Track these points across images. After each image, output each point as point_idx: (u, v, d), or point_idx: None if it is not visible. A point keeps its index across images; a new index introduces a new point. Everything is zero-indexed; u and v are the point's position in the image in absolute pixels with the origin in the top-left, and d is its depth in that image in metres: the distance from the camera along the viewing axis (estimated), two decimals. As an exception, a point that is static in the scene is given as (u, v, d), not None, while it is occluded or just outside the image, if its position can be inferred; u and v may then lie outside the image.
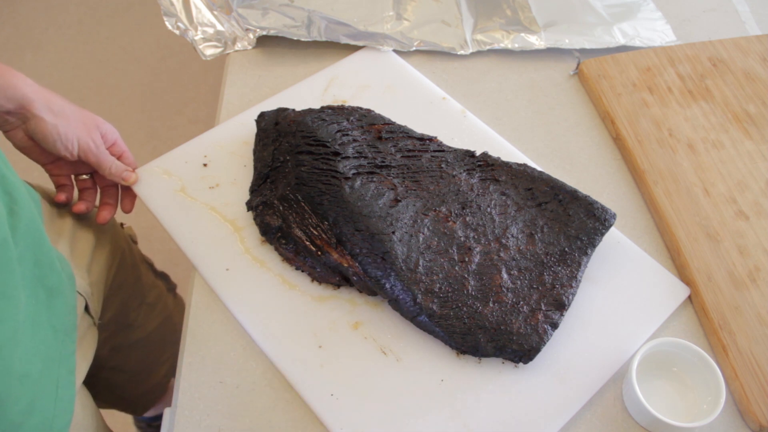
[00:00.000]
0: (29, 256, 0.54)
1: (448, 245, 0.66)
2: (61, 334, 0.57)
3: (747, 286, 0.67)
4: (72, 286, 0.63)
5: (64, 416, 0.57)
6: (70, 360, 0.59)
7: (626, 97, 0.84)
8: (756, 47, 0.89)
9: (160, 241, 0.96)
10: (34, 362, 0.52)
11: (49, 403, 0.54)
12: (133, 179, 0.73)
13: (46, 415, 0.53)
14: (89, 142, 0.69)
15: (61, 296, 0.58)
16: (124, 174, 0.72)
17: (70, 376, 0.58)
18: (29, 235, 0.54)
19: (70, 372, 0.58)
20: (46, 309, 0.55)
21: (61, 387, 0.56)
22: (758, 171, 0.76)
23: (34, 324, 0.53)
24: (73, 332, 0.61)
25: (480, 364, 0.63)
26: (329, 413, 0.60)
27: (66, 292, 0.60)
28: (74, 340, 0.60)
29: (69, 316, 0.60)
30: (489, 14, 0.95)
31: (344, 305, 0.66)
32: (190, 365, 0.63)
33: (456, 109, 0.84)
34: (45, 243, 0.57)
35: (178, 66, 2.13)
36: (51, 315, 0.56)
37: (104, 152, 0.71)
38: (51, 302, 0.56)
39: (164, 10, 0.92)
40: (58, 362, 0.56)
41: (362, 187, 0.68)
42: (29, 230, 0.54)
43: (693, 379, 0.61)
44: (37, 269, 0.55)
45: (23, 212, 0.54)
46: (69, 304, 0.61)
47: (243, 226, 0.72)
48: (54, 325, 0.56)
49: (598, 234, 0.67)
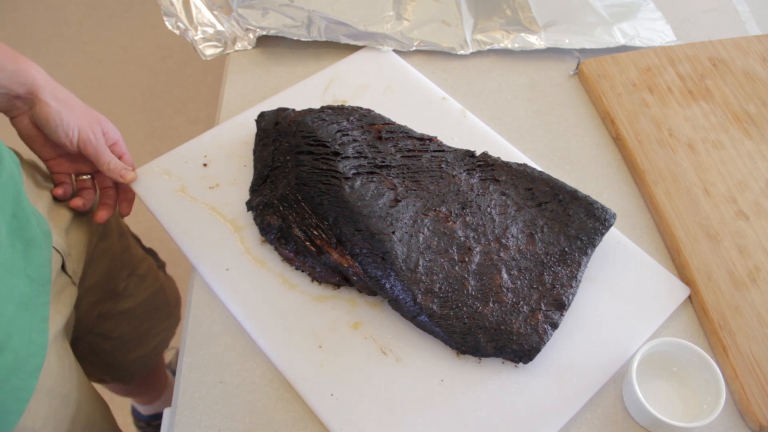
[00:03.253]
0: (8, 209, 0.58)
1: (448, 245, 0.66)
2: (36, 284, 0.61)
3: (747, 286, 0.67)
4: (48, 242, 0.66)
5: (35, 359, 0.60)
6: (44, 309, 0.63)
7: (626, 97, 0.84)
8: (756, 47, 0.89)
9: (160, 241, 0.96)
10: (8, 304, 0.56)
11: (23, 345, 0.58)
12: (130, 177, 0.74)
13: (19, 354, 0.57)
14: (89, 133, 0.70)
15: (38, 248, 0.62)
16: (122, 171, 0.73)
17: (43, 323, 0.62)
18: (9, 189, 0.59)
19: (44, 320, 0.62)
20: (23, 258, 0.59)
21: (33, 332, 0.60)
22: (758, 171, 0.76)
23: (11, 270, 0.57)
24: (48, 284, 0.64)
25: (480, 364, 0.63)
26: (329, 413, 0.60)
27: (42, 245, 0.63)
28: (48, 292, 0.64)
29: (44, 269, 0.64)
30: (489, 14, 0.95)
31: (344, 305, 0.66)
32: (190, 365, 0.63)
33: (456, 109, 0.84)
34: (23, 199, 0.61)
35: (178, 66, 2.13)
36: (27, 264, 0.60)
37: (104, 146, 0.72)
38: (28, 252, 0.60)
39: (164, 10, 0.92)
40: (33, 309, 0.60)
41: (362, 187, 0.68)
42: (9, 184, 0.59)
43: (693, 379, 0.61)
44: (14, 221, 0.59)
45: (4, 167, 0.58)
46: (45, 257, 0.64)
47: (243, 226, 0.72)
48: (29, 274, 0.60)
49: (598, 234, 0.67)
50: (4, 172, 0.58)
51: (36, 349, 0.61)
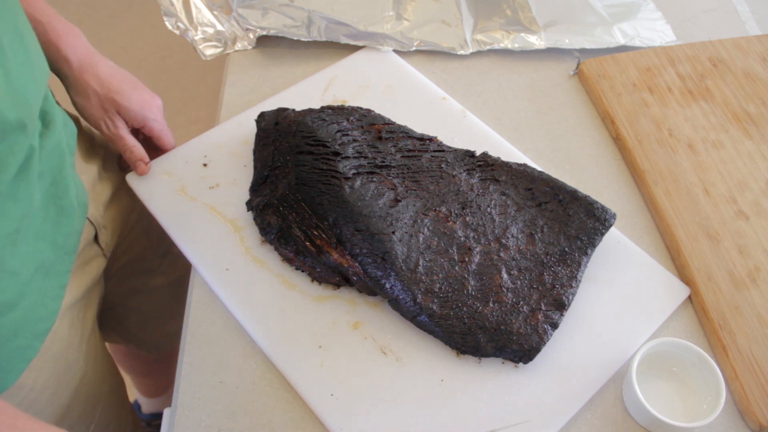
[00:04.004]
0: (48, 175, 0.60)
1: (448, 245, 0.66)
2: (60, 251, 0.63)
3: (747, 286, 0.67)
4: (83, 213, 0.68)
5: (44, 323, 0.62)
6: (63, 276, 0.64)
7: (626, 97, 0.84)
8: (756, 47, 0.89)
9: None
10: (27, 266, 0.57)
11: (34, 307, 0.59)
12: (140, 170, 0.75)
13: (29, 316, 0.59)
14: (102, 126, 0.73)
15: (70, 218, 0.63)
16: (136, 163, 0.75)
17: (60, 290, 0.64)
18: (53, 156, 0.60)
19: (61, 287, 0.64)
20: (53, 225, 0.61)
21: (48, 297, 0.62)
22: (758, 171, 0.76)
23: (38, 235, 0.58)
24: (73, 254, 0.66)
25: (480, 364, 0.63)
26: (329, 413, 0.60)
27: (75, 215, 0.65)
28: (72, 261, 0.66)
29: (72, 238, 0.65)
30: (489, 14, 0.95)
31: (344, 305, 0.66)
32: (190, 365, 0.63)
33: (456, 109, 0.84)
34: (66, 168, 0.63)
35: (178, 66, 2.13)
36: (56, 231, 0.61)
37: (119, 136, 0.73)
38: (59, 220, 0.62)
39: (164, 10, 0.92)
40: (51, 275, 0.62)
41: (362, 187, 0.68)
42: (55, 151, 0.60)
43: (693, 379, 0.61)
44: (53, 188, 0.61)
45: (54, 134, 0.60)
46: (75, 228, 0.66)
47: (243, 226, 0.72)
48: (56, 241, 0.61)
49: (598, 234, 0.67)
50: (52, 138, 0.60)
51: (47, 313, 0.62)
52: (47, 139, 0.60)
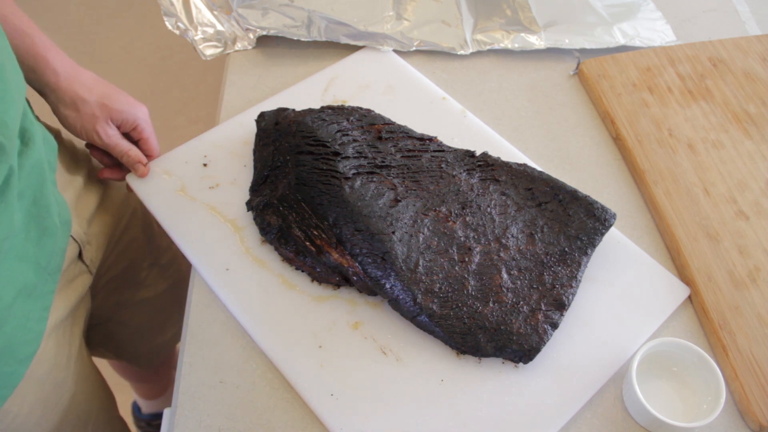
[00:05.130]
0: (29, 194, 0.58)
1: (448, 245, 0.66)
2: (44, 272, 0.61)
3: (747, 286, 0.67)
4: (66, 231, 0.67)
5: (28, 347, 0.60)
6: (47, 297, 0.63)
7: (626, 97, 0.84)
8: (756, 47, 0.89)
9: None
10: (8, 289, 0.56)
11: (18, 331, 0.58)
12: (140, 172, 0.75)
13: (12, 340, 0.57)
14: (93, 135, 0.71)
15: (53, 238, 0.62)
16: (135, 165, 0.74)
17: (44, 312, 0.63)
18: (33, 175, 0.59)
19: (45, 308, 0.63)
20: (35, 245, 0.59)
21: (31, 320, 0.60)
22: (758, 171, 0.76)
23: (20, 256, 0.57)
24: (57, 273, 0.65)
25: (480, 364, 0.63)
26: (329, 413, 0.60)
27: (58, 235, 0.63)
28: (56, 281, 0.65)
29: (56, 257, 0.64)
30: (489, 14, 0.95)
31: (344, 305, 0.66)
32: (190, 365, 0.63)
33: (456, 109, 0.84)
34: (47, 186, 0.61)
35: (178, 66, 2.13)
36: (38, 252, 0.60)
37: (115, 143, 0.73)
38: (41, 241, 0.60)
39: (164, 10, 0.92)
40: (34, 297, 0.60)
41: (362, 187, 0.68)
42: (34, 170, 0.59)
43: (693, 379, 0.61)
44: (34, 208, 0.59)
45: (33, 152, 0.59)
46: (59, 247, 0.64)
47: (243, 226, 0.72)
48: (38, 262, 0.60)
49: (598, 234, 0.67)
50: (31, 157, 0.59)
51: (31, 337, 0.61)
52: (27, 158, 0.58)
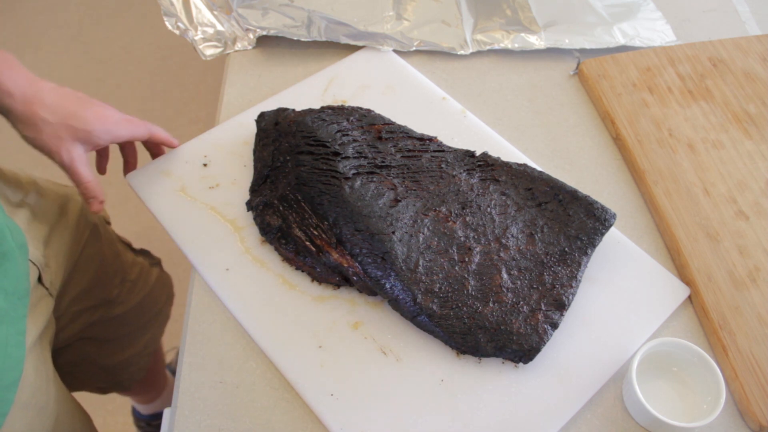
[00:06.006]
0: None
1: (448, 245, 0.66)
2: (12, 297, 0.60)
3: (747, 286, 0.67)
4: (24, 255, 0.65)
5: (12, 373, 0.60)
6: (20, 322, 0.62)
7: (626, 97, 0.84)
8: (756, 47, 0.89)
9: (160, 241, 0.96)
10: None
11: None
12: (93, 208, 0.70)
13: None
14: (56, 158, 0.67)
15: (13, 262, 0.60)
16: (89, 200, 0.70)
17: (20, 336, 0.61)
18: None
19: (20, 333, 0.61)
20: None
21: (10, 345, 0.59)
22: (758, 171, 0.76)
23: None
24: (26, 297, 0.63)
25: (480, 364, 0.63)
26: (329, 413, 0.60)
27: (17, 259, 0.61)
28: (26, 305, 0.63)
29: (21, 282, 0.62)
30: (489, 14, 0.95)
31: (344, 305, 0.66)
32: (190, 365, 0.63)
33: (456, 109, 0.84)
34: None
35: (178, 66, 2.13)
36: (2, 278, 0.59)
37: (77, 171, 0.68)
38: (2, 266, 0.59)
39: (164, 10, 0.92)
40: (8, 323, 0.59)
41: (362, 187, 0.68)
42: None
43: (693, 379, 0.61)
44: None
45: None
46: (21, 270, 0.62)
47: (243, 226, 0.72)
48: (5, 288, 0.59)
49: (598, 234, 0.67)
50: None
51: (13, 363, 0.59)
52: None
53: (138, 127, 0.73)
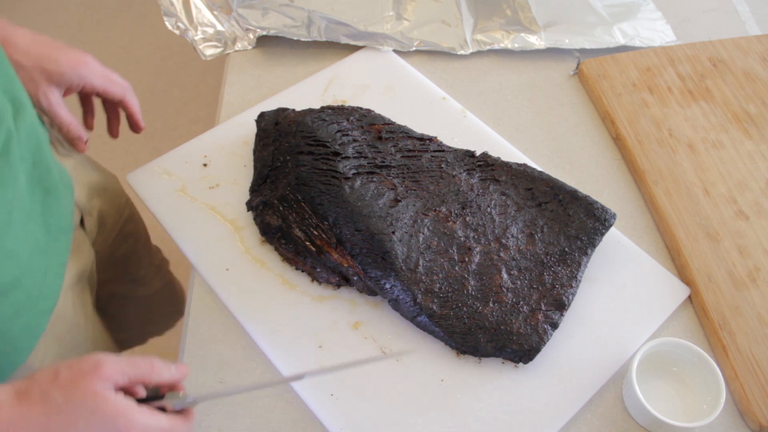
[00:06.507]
0: (29, 157, 0.59)
1: (448, 245, 0.66)
2: (54, 230, 0.62)
3: (747, 286, 0.67)
4: (69, 194, 0.67)
5: (48, 300, 0.62)
6: (62, 254, 0.64)
7: (626, 97, 0.84)
8: (756, 47, 0.89)
9: (160, 241, 0.96)
10: (23, 246, 0.57)
11: (36, 284, 0.59)
12: (78, 148, 0.70)
13: (32, 293, 0.58)
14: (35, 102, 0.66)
15: (58, 198, 0.63)
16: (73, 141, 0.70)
17: (60, 269, 0.64)
18: (31, 139, 0.59)
19: (61, 265, 0.64)
20: (41, 205, 0.60)
21: (49, 275, 0.61)
22: (758, 171, 0.76)
23: (28, 216, 0.58)
24: (69, 232, 0.66)
25: (480, 364, 0.63)
26: (329, 413, 0.60)
27: (62, 196, 0.64)
28: (69, 239, 0.65)
29: (65, 218, 0.65)
30: (489, 14, 0.95)
31: (344, 305, 0.66)
32: (190, 365, 0.63)
33: (456, 109, 0.84)
34: (45, 148, 0.61)
35: (178, 66, 2.12)
36: (45, 211, 0.61)
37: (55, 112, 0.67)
38: (46, 201, 0.61)
39: (164, 10, 0.92)
40: (49, 253, 0.61)
41: (362, 187, 0.68)
42: (31, 134, 0.59)
43: (693, 379, 0.61)
44: (35, 170, 0.60)
45: (27, 117, 0.58)
46: (65, 207, 0.65)
47: (243, 226, 0.72)
48: (47, 220, 0.61)
49: (598, 234, 0.67)
50: (26, 122, 0.58)
51: (50, 291, 0.62)
52: (21, 123, 0.57)
53: (113, 85, 0.72)
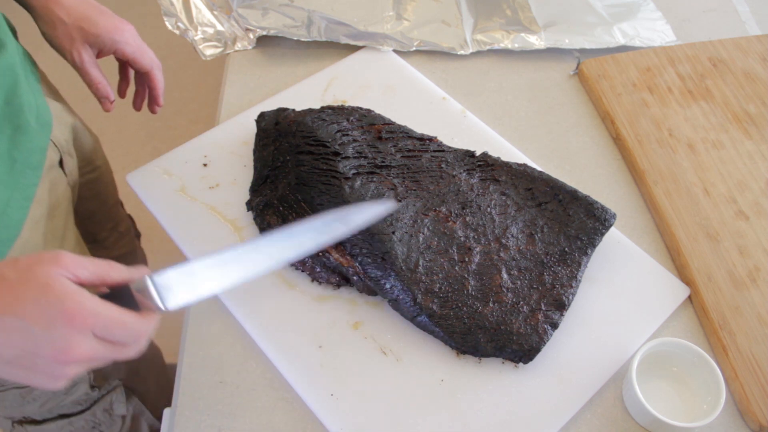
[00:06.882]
0: (1, 94, 0.61)
1: (448, 245, 0.66)
2: (20, 165, 0.64)
3: (747, 286, 0.67)
4: (45, 132, 0.69)
5: (8, 231, 0.63)
6: (28, 189, 0.65)
7: (626, 97, 0.84)
8: (756, 47, 0.89)
9: (160, 241, 0.96)
10: None
11: None
12: (105, 107, 0.74)
13: None
14: (69, 56, 0.71)
15: (28, 135, 0.65)
16: (101, 100, 0.74)
17: (25, 202, 0.65)
18: (5, 77, 0.62)
19: (26, 199, 0.65)
20: (9, 141, 0.62)
21: (11, 207, 0.63)
22: (758, 171, 0.76)
23: None
24: (38, 169, 0.67)
25: (480, 364, 0.63)
26: (329, 413, 0.60)
27: (34, 134, 0.66)
28: (38, 176, 0.67)
29: (34, 155, 0.66)
30: (489, 14, 0.95)
31: (344, 305, 0.66)
32: (190, 365, 0.63)
33: (456, 109, 0.84)
34: (20, 88, 0.63)
35: (178, 66, 2.12)
36: (12, 147, 0.63)
37: (86, 69, 0.71)
38: (15, 137, 0.63)
39: (164, 10, 0.92)
40: (12, 187, 0.63)
41: (362, 187, 0.68)
42: (7, 73, 0.62)
43: (693, 379, 0.61)
44: (7, 107, 0.62)
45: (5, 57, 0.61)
46: (37, 144, 0.67)
47: (243, 226, 0.72)
48: (14, 156, 0.63)
49: (598, 234, 0.67)
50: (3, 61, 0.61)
51: (11, 223, 0.63)
52: None
53: (144, 57, 0.76)
